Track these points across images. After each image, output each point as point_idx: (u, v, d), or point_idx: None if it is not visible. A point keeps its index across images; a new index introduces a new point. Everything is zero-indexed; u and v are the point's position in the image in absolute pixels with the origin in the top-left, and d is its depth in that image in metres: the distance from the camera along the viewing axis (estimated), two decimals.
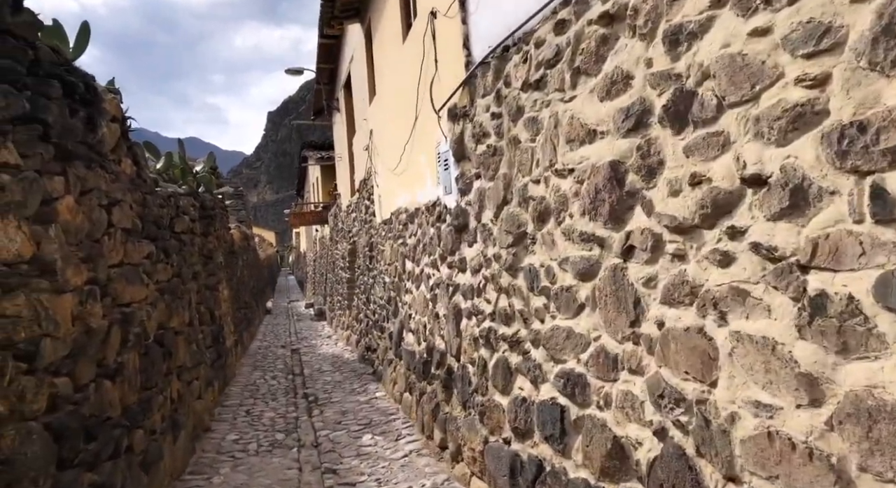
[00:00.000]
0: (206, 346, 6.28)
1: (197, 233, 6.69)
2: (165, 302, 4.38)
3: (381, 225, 7.47)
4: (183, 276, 5.20)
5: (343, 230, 12.54)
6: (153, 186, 4.69)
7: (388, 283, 6.79)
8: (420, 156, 5.14)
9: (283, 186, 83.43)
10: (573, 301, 2.48)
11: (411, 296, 5.55)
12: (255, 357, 9.89)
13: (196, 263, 6.39)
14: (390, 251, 6.70)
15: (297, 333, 13.44)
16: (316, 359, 9.14)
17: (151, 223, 4.37)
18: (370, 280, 8.35)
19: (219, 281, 7.68)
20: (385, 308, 6.96)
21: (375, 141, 7.53)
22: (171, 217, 5.38)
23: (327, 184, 19.49)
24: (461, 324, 3.89)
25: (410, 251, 5.62)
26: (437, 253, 4.58)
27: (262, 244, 30.06)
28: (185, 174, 7.18)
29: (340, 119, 12.26)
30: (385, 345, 6.78)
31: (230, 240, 10.55)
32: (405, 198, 5.94)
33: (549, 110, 2.71)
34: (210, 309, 6.85)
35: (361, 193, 9.29)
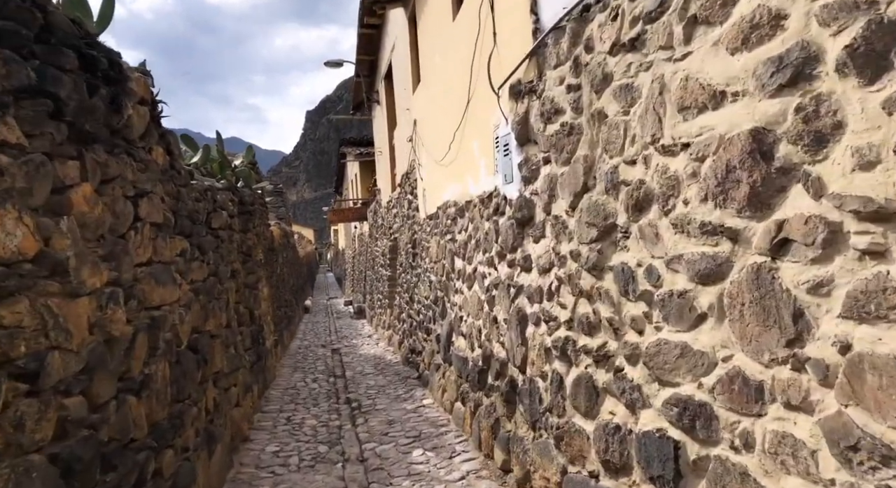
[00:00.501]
0: (244, 348, 6.00)
1: (236, 230, 6.41)
2: (200, 303, 4.06)
3: (425, 220, 7.04)
4: (220, 275, 4.89)
5: (383, 226, 12.20)
6: (188, 179, 4.38)
7: (434, 282, 6.36)
8: (472, 144, 4.67)
9: (322, 184, 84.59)
10: (689, 309, 1.97)
11: (462, 296, 5.10)
12: (295, 357, 9.65)
13: (234, 261, 6.11)
14: (437, 248, 6.27)
15: (338, 332, 13.20)
16: (357, 361, 8.81)
17: (185, 218, 4.05)
18: (413, 278, 7.95)
19: (258, 279, 7.42)
20: (431, 308, 6.53)
21: (420, 131, 7.10)
22: (208, 212, 5.07)
23: (366, 181, 19.26)
24: (526, 330, 3.41)
25: (460, 248, 5.17)
26: (493, 249, 4.11)
27: (301, 241, 30.23)
28: (223, 168, 6.92)
29: (380, 112, 11.91)
30: (431, 348, 6.36)
31: (270, 237, 10.34)
32: (454, 190, 5.48)
33: (651, 74, 2.20)
34: (249, 308, 6.58)
35: (403, 188, 8.90)
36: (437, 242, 6.26)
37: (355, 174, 20.86)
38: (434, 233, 6.43)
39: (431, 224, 6.61)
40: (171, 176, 3.88)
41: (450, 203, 5.65)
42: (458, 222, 5.32)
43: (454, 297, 5.40)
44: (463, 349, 4.95)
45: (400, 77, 8.95)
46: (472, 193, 4.82)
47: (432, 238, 6.54)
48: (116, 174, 2.68)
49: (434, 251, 6.40)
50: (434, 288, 6.34)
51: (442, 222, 5.99)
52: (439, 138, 6.01)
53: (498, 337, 3.93)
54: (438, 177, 6.21)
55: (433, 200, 6.56)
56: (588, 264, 2.65)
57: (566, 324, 2.88)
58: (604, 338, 2.55)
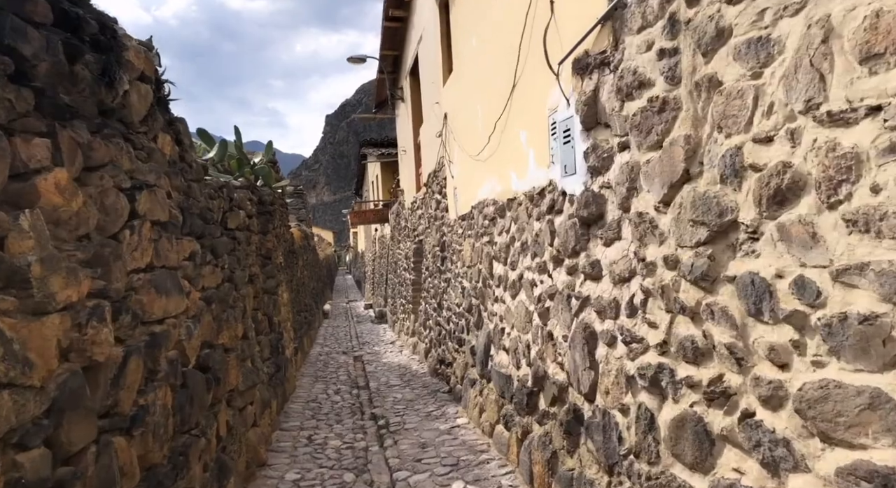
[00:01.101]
0: (262, 359, 5.52)
1: (254, 231, 5.95)
2: (213, 313, 3.58)
3: (456, 221, 6.51)
4: (236, 280, 4.41)
5: (407, 228, 11.70)
6: (201, 173, 3.91)
7: (467, 289, 5.82)
8: (518, 134, 4.12)
9: (341, 187, 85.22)
10: (882, 342, 1.40)
11: (503, 306, 4.55)
12: (315, 365, 9.18)
13: (253, 264, 5.65)
14: (470, 251, 5.72)
15: (359, 337, 12.73)
16: (381, 370, 8.30)
17: (197, 217, 3.57)
18: (442, 283, 7.42)
19: (278, 283, 6.96)
20: (464, 317, 5.99)
21: (451, 125, 6.57)
22: (224, 211, 4.61)
23: (388, 182, 18.82)
24: (596, 351, 2.84)
25: (500, 251, 4.62)
26: (546, 253, 3.56)
27: (321, 244, 29.93)
28: (241, 165, 6.48)
29: (405, 109, 11.43)
30: (465, 360, 5.81)
31: (290, 238, 9.91)
32: (492, 187, 4.94)
33: (804, 18, 1.63)
34: (268, 315, 6.11)
35: (430, 187, 8.38)
36: (470, 245, 5.72)
37: (376, 175, 20.43)
38: (467, 234, 5.89)
39: (464, 225, 6.07)
40: (180, 169, 3.41)
41: (487, 201, 5.10)
42: (497, 222, 4.77)
43: (493, 306, 4.85)
44: (505, 365, 4.40)
45: (428, 70, 8.44)
46: (516, 190, 4.27)
47: (465, 240, 6.00)
48: (106, 160, 2.19)
49: (467, 254, 5.86)
50: (468, 295, 5.80)
51: (477, 223, 5.45)
52: (474, 131, 5.48)
53: (554, 356, 3.37)
54: (473, 173, 5.67)
55: (466, 199, 6.03)
56: (693, 274, 2.08)
57: (658, 347, 2.31)
58: (719, 369, 1.97)
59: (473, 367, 5.44)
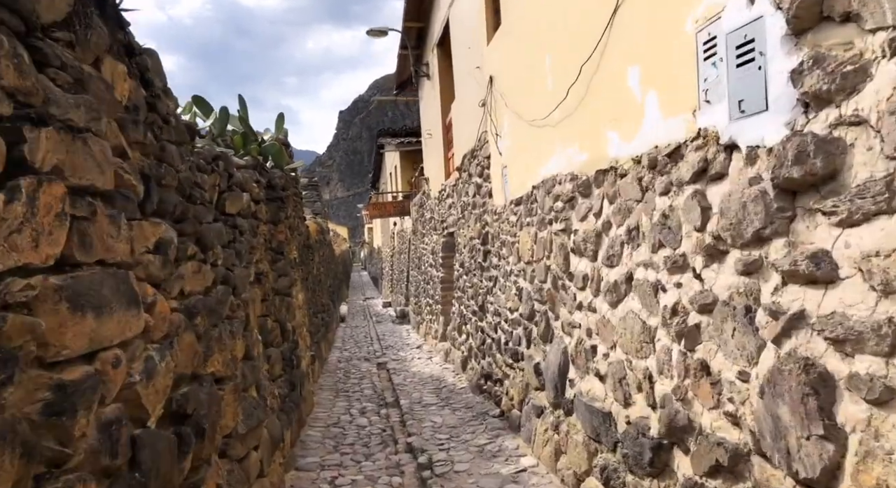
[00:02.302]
0: (273, 378, 4.43)
1: (262, 220, 4.85)
2: (198, 330, 2.46)
3: (506, 207, 5.35)
4: (235, 281, 3.30)
5: (433, 220, 10.57)
6: (185, 135, 2.79)
7: (527, 290, 4.66)
8: (626, 72, 2.94)
9: (355, 183, 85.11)
10: None
11: (591, 315, 3.39)
12: (335, 375, 8.09)
13: (261, 260, 4.55)
14: (531, 243, 4.57)
15: (380, 340, 11.64)
16: (412, 382, 7.18)
17: (174, 191, 2.47)
18: (485, 282, 6.27)
19: (292, 283, 5.85)
20: (521, 325, 4.84)
21: (501, 89, 5.40)
22: (220, 191, 3.51)
23: (408, 173, 17.68)
24: (836, 410, 1.66)
25: (585, 242, 3.46)
26: (686, 243, 2.39)
27: (337, 239, 28.92)
28: (246, 141, 5.38)
29: (430, 88, 10.27)
30: (524, 380, 4.66)
31: (306, 232, 8.83)
32: (569, 158, 3.78)
33: None
34: (281, 321, 5.02)
35: (466, 171, 7.23)
36: (531, 235, 4.56)
37: (395, 166, 19.31)
38: (525, 222, 4.73)
39: (519, 211, 4.91)
40: (148, 122, 2.31)
41: (559, 178, 3.94)
42: (578, 204, 3.61)
43: (572, 315, 3.69)
44: (599, 398, 3.24)
45: (463, 35, 7.28)
46: (614, 156, 3.11)
47: (522, 230, 4.84)
48: None
49: (526, 247, 4.70)
50: (528, 298, 4.64)
51: (542, 206, 4.28)
52: (537, 90, 4.31)
53: (715, 400, 2.19)
54: (534, 145, 4.51)
55: (522, 179, 4.87)
56: None
57: None
58: None
59: (539, 391, 4.29)
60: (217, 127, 4.95)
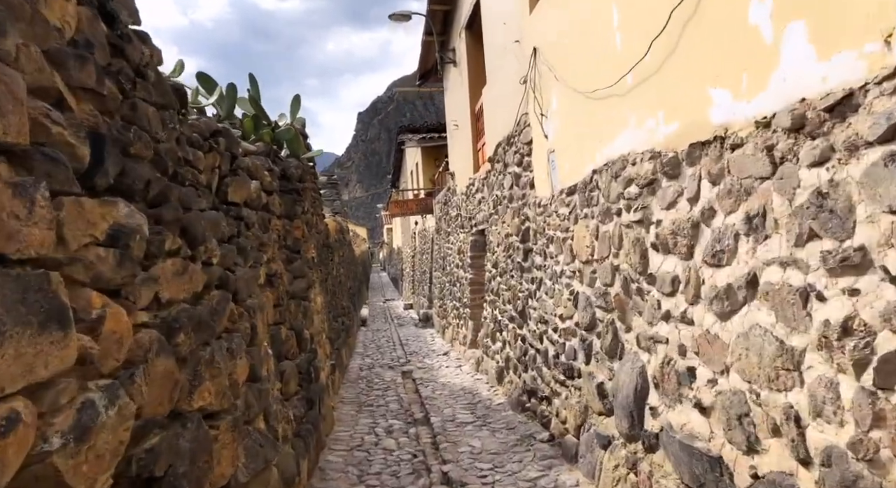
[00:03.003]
0: (286, 398, 3.79)
1: (276, 213, 4.22)
2: (179, 352, 1.80)
3: (556, 198, 4.64)
4: (238, 284, 2.64)
5: (460, 217, 9.88)
6: (170, 96, 2.15)
7: (586, 295, 3.94)
8: (748, 4, 2.21)
9: (373, 185, 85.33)
10: None
11: (682, 329, 2.66)
12: (357, 385, 7.44)
13: (273, 259, 3.92)
14: (591, 238, 3.84)
15: (404, 345, 10.98)
16: (441, 395, 6.49)
17: (146, 164, 1.81)
18: (526, 284, 5.56)
19: (310, 285, 5.21)
20: (576, 336, 4.11)
21: (548, 60, 4.68)
22: (222, 175, 2.88)
23: (429, 170, 17.02)
24: None
25: (674, 235, 2.73)
26: (858, 234, 1.66)
27: (356, 239, 28.36)
28: (257, 125, 4.74)
29: (457, 75, 9.59)
30: (581, 401, 3.93)
31: (325, 230, 8.21)
32: (649, 131, 3.05)
33: None
34: (297, 329, 4.37)
35: (501, 161, 6.52)
36: (590, 229, 3.84)
37: (416, 163, 18.67)
38: (582, 214, 4.01)
39: (573, 201, 4.19)
40: (112, 70, 1.67)
41: (633, 157, 3.22)
42: (662, 187, 2.88)
43: (653, 327, 2.96)
44: (702, 437, 2.50)
45: (498, 8, 6.57)
46: (721, 121, 2.38)
47: (576, 223, 4.12)
48: None
49: (583, 244, 3.98)
50: (587, 305, 3.91)
51: (607, 194, 3.56)
52: (600, 52, 3.59)
53: None
54: (593, 121, 3.80)
55: (577, 163, 4.15)
56: None
57: None
58: None
59: (604, 416, 3.56)
60: (223, 107, 4.32)
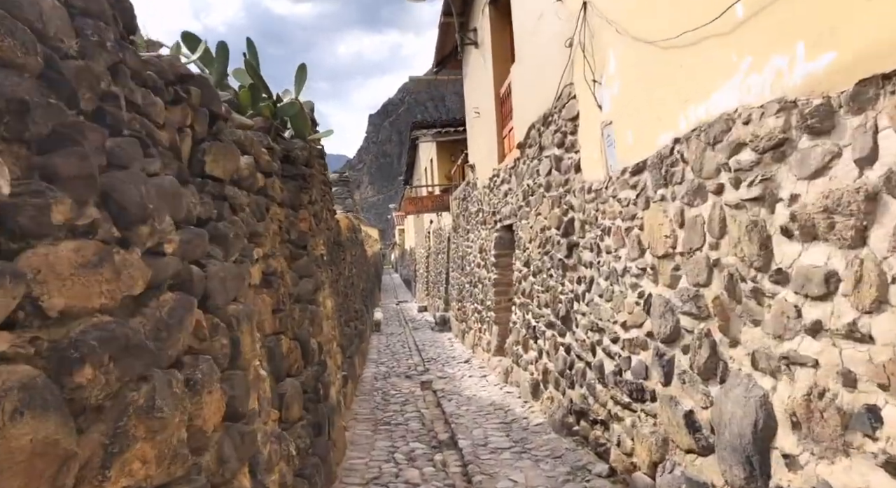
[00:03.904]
0: (287, 425, 3.02)
1: (276, 199, 3.45)
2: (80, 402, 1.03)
3: (615, 179, 3.82)
4: (211, 283, 1.86)
5: (482, 213, 9.08)
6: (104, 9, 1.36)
7: (664, 299, 3.11)
8: None
9: (385, 186, 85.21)
10: None
11: (846, 347, 1.84)
12: (372, 398, 6.67)
13: (274, 255, 3.16)
14: (669, 226, 3.03)
15: (420, 351, 10.20)
16: (467, 411, 5.69)
17: (25, 79, 1.04)
18: (570, 285, 4.74)
19: (318, 286, 4.44)
20: (648, 349, 3.29)
21: (604, 12, 3.87)
22: (194, 137, 2.12)
23: (445, 166, 16.23)
24: None
25: (827, 214, 1.91)
26: None
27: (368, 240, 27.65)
28: (255, 96, 3.98)
29: (479, 57, 8.80)
30: (663, 433, 3.11)
31: (336, 226, 7.46)
32: (776, 73, 2.23)
33: None
34: (301, 339, 3.60)
35: (536, 144, 5.72)
36: (671, 214, 3.03)
37: (430, 159, 17.88)
38: (656, 197, 3.19)
39: (642, 180, 3.38)
40: None
41: (744, 114, 2.40)
42: (800, 149, 2.07)
43: (785, 343, 2.14)
44: None
45: None
46: None
47: (647, 208, 3.31)
48: None
49: (659, 233, 3.16)
50: (666, 310, 3.09)
51: (698, 167, 2.75)
52: None
53: None
54: (674, 75, 2.99)
55: (646, 133, 3.34)
56: None
57: None
58: None
59: (696, 455, 2.74)
60: (214, 70, 3.56)
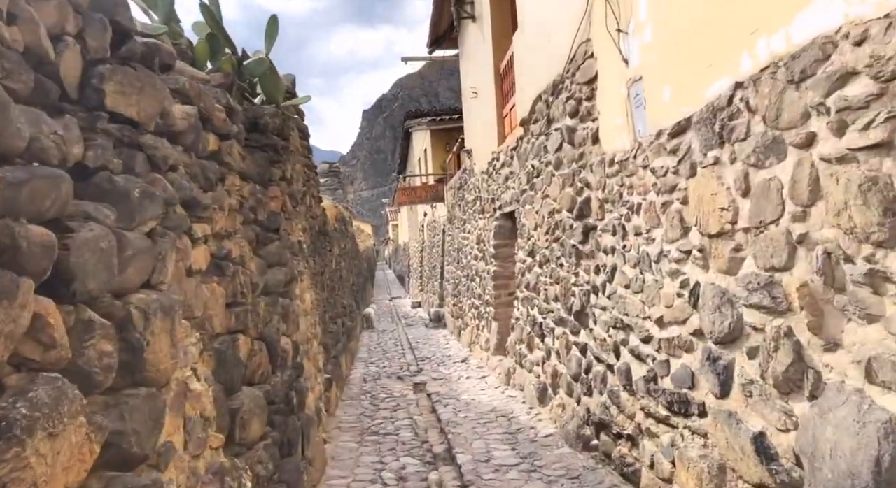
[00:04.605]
0: (244, 448, 2.37)
1: (234, 168, 2.77)
2: None
3: (647, 146, 3.17)
4: (73, 257, 1.20)
5: (480, 201, 8.43)
6: None
7: (719, 288, 2.46)
8: None
9: (379, 182, 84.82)
10: None
11: None
12: (359, 402, 6.01)
13: (230, 236, 2.50)
14: (726, 197, 2.38)
15: (414, 349, 9.56)
16: (465, 418, 5.05)
17: None
18: (585, 275, 4.10)
19: (293, 277, 3.78)
20: (691, 350, 2.64)
21: None
22: (85, 54, 1.44)
23: (440, 155, 15.56)
24: None
25: None
26: None
27: (361, 235, 26.91)
28: (215, 49, 3.29)
29: (477, 31, 8.13)
30: (719, 458, 2.46)
31: (322, 215, 6.79)
32: None
33: None
34: (269, 339, 2.94)
35: (544, 118, 5.07)
36: (727, 182, 2.38)
37: (424, 149, 17.20)
38: (706, 161, 2.55)
39: (685, 144, 2.73)
40: None
41: (843, 36, 1.76)
42: None
43: None
44: None
45: None
46: None
47: (691, 176, 2.67)
48: None
49: (711, 206, 2.52)
50: (722, 302, 2.44)
51: (770, 116, 2.10)
52: None
53: None
54: (727, 7, 2.34)
55: (689, 85, 2.69)
56: None
57: None
58: None
59: None
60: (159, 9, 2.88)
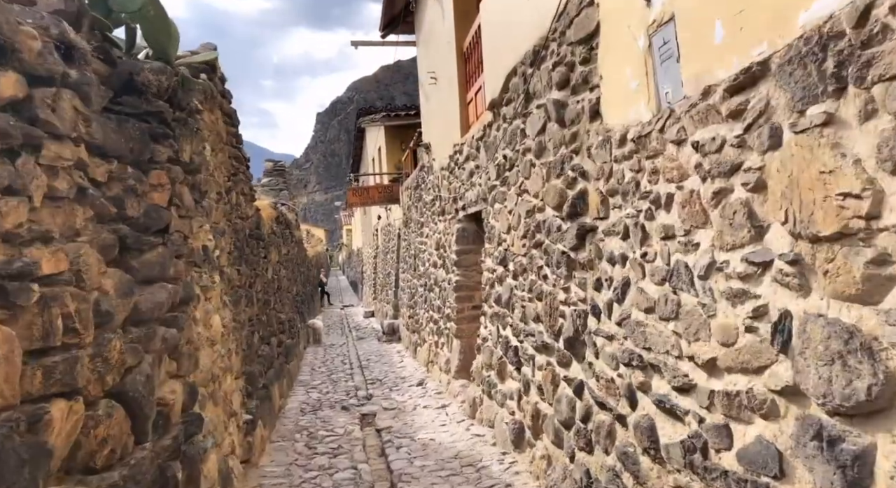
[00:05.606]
0: None
1: (62, 132, 1.65)
2: None
3: (682, 114, 2.27)
4: None
5: (440, 201, 7.46)
6: None
7: (842, 325, 1.55)
8: None
9: (333, 186, 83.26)
10: None
11: None
12: (293, 443, 4.89)
13: (47, 239, 1.36)
14: (854, 180, 1.49)
15: (363, 368, 8.47)
16: (422, 469, 4.03)
17: None
18: (582, 292, 3.16)
19: (187, 297, 2.67)
20: (778, 419, 1.73)
21: None
22: None
23: (395, 155, 14.54)
24: None
25: None
26: None
27: (311, 239, 25.52)
28: None
29: (436, 8, 7.18)
30: None
31: (252, 215, 5.66)
32: None
33: None
34: (130, 397, 1.83)
35: (520, 97, 4.15)
36: (847, 155, 1.50)
37: (378, 148, 16.12)
38: (801, 125, 1.66)
39: (754, 103, 1.84)
40: None
41: None
42: None
43: None
44: None
45: None
46: None
47: (777, 150, 1.77)
48: None
49: (822, 192, 1.62)
50: (836, 350, 1.54)
51: None
52: None
53: None
54: None
55: (756, 22, 1.81)
56: None
57: None
58: None
59: None
60: None
